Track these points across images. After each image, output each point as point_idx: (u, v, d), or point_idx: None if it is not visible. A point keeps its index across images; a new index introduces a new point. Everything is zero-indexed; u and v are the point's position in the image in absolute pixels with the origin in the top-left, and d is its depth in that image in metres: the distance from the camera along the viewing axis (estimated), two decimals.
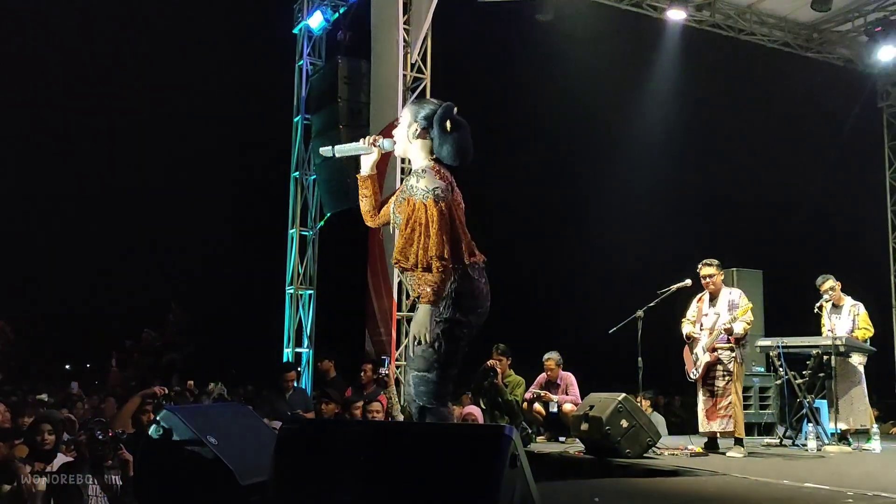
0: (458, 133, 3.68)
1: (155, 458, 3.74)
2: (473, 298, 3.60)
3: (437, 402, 3.56)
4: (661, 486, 5.44)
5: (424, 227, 3.52)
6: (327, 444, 2.97)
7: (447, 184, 3.61)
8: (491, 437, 2.70)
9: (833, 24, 12.87)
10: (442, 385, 3.57)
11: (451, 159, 3.69)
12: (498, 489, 2.58)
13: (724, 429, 7.04)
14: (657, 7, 12.05)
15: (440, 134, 3.67)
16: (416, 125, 3.74)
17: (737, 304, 7.14)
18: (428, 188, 3.57)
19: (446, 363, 3.55)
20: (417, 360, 3.62)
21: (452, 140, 3.67)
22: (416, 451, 2.81)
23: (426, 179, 3.60)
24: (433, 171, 3.64)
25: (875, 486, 4.89)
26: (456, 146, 3.67)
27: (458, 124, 3.70)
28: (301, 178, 12.69)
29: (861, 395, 7.92)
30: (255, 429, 4.21)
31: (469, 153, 3.72)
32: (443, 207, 3.53)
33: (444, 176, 3.64)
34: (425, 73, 10.17)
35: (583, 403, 7.17)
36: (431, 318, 3.52)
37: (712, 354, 7.11)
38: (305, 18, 12.60)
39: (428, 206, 3.53)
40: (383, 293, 9.78)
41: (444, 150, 3.68)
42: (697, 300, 7.49)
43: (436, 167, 3.67)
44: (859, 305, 8.21)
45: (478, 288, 3.62)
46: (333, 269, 13.02)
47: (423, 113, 3.75)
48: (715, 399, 7.09)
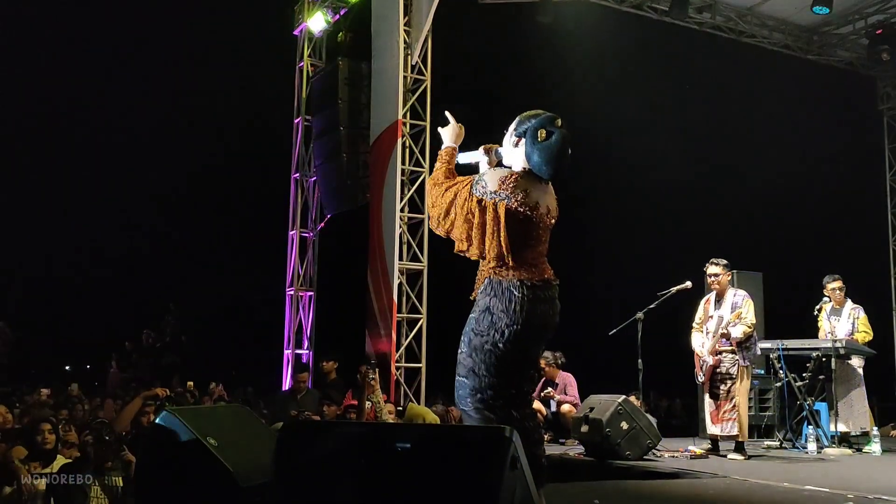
0: (548, 142, 3.68)
1: (155, 459, 3.74)
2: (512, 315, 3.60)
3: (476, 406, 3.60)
4: (662, 489, 5.45)
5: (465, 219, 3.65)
6: (327, 445, 2.97)
7: (507, 194, 3.61)
8: (491, 439, 2.70)
9: (833, 27, 12.88)
10: (482, 391, 3.60)
11: (539, 168, 3.70)
12: (498, 491, 2.58)
13: (727, 433, 7.00)
14: (658, 9, 12.07)
15: (530, 143, 3.71)
16: (513, 135, 3.79)
17: (739, 307, 7.10)
18: (485, 185, 3.66)
19: (486, 373, 3.60)
20: (459, 365, 3.71)
21: (540, 149, 3.68)
22: (417, 452, 2.81)
23: (490, 177, 3.68)
24: (499, 177, 3.67)
25: (875, 489, 4.89)
26: (547, 156, 3.68)
27: (550, 134, 3.70)
28: (301, 179, 12.70)
29: (860, 397, 7.92)
30: (256, 430, 4.21)
31: (557, 163, 3.70)
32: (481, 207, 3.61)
33: (509, 186, 3.63)
34: (426, 75, 10.18)
35: (583, 405, 7.17)
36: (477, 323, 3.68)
37: (715, 358, 7.09)
38: (306, 20, 12.61)
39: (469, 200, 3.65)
40: (383, 294, 9.78)
41: (534, 160, 3.70)
42: (705, 302, 7.46)
43: (512, 174, 3.69)
44: (859, 309, 8.20)
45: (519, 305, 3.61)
46: (334, 270, 13.02)
47: (521, 124, 3.78)
48: (718, 402, 7.07)
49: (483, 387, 3.62)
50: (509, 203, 3.60)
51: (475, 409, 3.61)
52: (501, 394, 3.62)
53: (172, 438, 3.66)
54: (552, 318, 3.74)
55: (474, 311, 3.72)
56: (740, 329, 7.00)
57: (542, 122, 3.72)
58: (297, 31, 12.99)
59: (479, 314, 3.68)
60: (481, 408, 3.60)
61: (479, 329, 3.65)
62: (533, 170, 3.71)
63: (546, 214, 3.74)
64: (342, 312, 12.67)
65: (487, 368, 3.61)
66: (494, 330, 3.61)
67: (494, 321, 3.62)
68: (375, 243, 10.21)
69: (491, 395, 3.60)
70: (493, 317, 3.63)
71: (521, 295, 3.62)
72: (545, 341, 3.85)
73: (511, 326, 3.60)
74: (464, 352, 3.70)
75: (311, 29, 12.53)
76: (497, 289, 3.65)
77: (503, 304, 3.62)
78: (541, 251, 3.76)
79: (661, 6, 12.01)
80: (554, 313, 3.74)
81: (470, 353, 3.66)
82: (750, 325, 7.04)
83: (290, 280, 12.60)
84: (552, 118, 3.75)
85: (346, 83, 11.48)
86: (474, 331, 3.67)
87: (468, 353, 3.67)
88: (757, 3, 12.32)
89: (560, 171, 3.73)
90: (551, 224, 3.81)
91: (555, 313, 3.75)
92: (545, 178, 3.73)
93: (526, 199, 3.63)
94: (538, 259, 3.74)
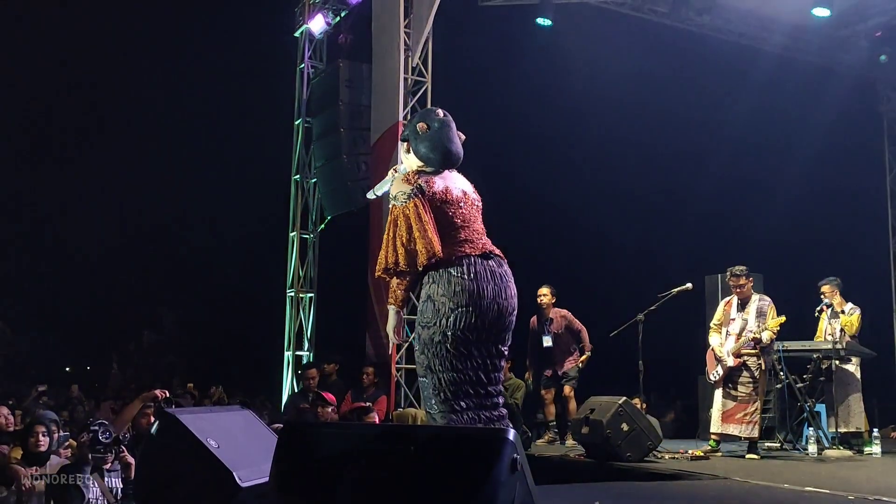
0: (429, 133, 3.63)
1: (155, 460, 3.73)
2: (456, 296, 3.44)
3: (441, 409, 3.45)
4: (663, 490, 5.44)
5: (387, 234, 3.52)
6: (327, 447, 2.97)
7: (413, 186, 3.53)
8: (491, 440, 2.69)
9: (834, 29, 12.87)
10: (441, 390, 3.45)
11: (427, 159, 3.64)
12: (497, 494, 2.57)
13: (748, 434, 7.04)
14: (658, 11, 12.06)
15: (414, 140, 3.66)
16: (406, 143, 3.74)
17: (765, 313, 7.15)
18: (393, 196, 3.57)
19: (441, 368, 3.45)
20: (417, 366, 3.59)
21: (424, 141, 3.63)
22: (417, 454, 2.81)
23: (394, 187, 3.60)
24: (401, 178, 3.61)
25: (875, 490, 4.89)
26: (430, 145, 3.63)
27: (430, 124, 3.65)
28: (302, 181, 12.69)
29: (857, 399, 7.92)
30: (256, 431, 4.21)
31: (447, 150, 3.64)
32: (401, 214, 3.48)
33: (412, 180, 3.56)
34: (426, 77, 10.17)
35: (583, 407, 7.17)
36: (398, 320, 3.59)
37: (736, 359, 7.12)
38: (306, 21, 12.61)
39: (392, 211, 3.52)
40: (384, 296, 9.76)
41: (422, 153, 3.63)
42: (725, 304, 7.51)
43: (408, 175, 3.61)
44: (856, 309, 8.20)
45: (461, 285, 3.44)
46: (334, 272, 13.02)
47: (405, 129, 3.77)
48: (737, 404, 7.08)
49: (443, 385, 3.42)
50: (420, 196, 3.50)
51: (440, 412, 3.42)
52: (463, 390, 3.42)
53: (172, 440, 3.66)
54: (504, 292, 3.52)
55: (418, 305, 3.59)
56: (768, 334, 7.08)
57: (421, 117, 3.71)
58: (297, 33, 13.00)
59: (421, 305, 3.53)
60: (445, 410, 3.41)
61: (423, 320, 3.48)
62: (429, 165, 3.64)
63: (463, 198, 3.64)
64: (342, 314, 12.68)
65: (442, 362, 3.42)
66: (439, 317, 3.43)
67: (437, 308, 3.45)
68: (376, 245, 10.19)
69: (452, 393, 3.41)
70: (434, 304, 3.46)
71: (458, 274, 3.44)
72: (505, 323, 3.56)
73: (456, 310, 3.41)
74: (417, 349, 3.55)
75: (312, 30, 12.54)
76: (434, 275, 3.49)
77: (443, 287, 3.45)
78: (476, 230, 3.62)
79: (660, 8, 12.01)
80: (506, 287, 3.53)
81: (422, 349, 3.49)
82: (775, 332, 7.13)
83: (291, 282, 12.59)
84: (430, 111, 3.74)
85: (346, 85, 11.48)
86: (420, 324, 3.50)
87: (420, 349, 3.51)
88: (757, 5, 12.31)
89: (447, 155, 3.64)
90: (477, 205, 3.71)
91: (507, 287, 3.53)
92: (435, 167, 3.63)
93: (432, 188, 3.56)
94: (473, 236, 3.58)
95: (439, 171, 3.65)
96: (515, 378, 8.65)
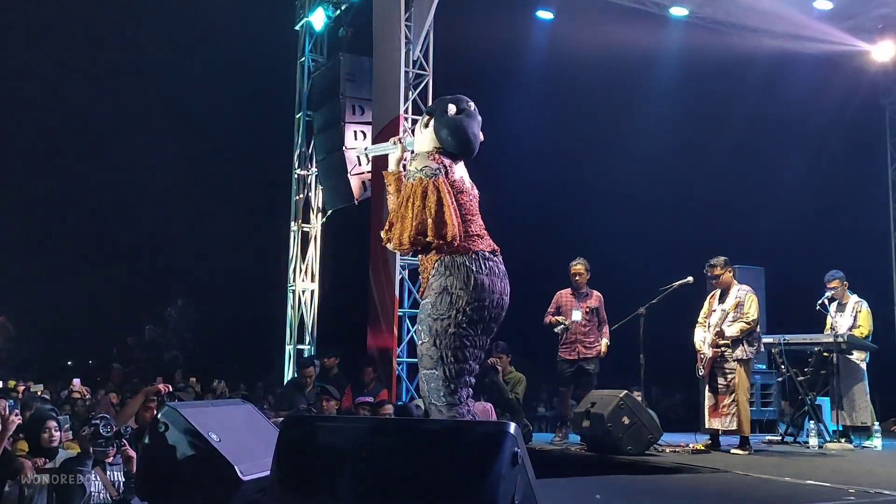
0: (457, 117, 3.63)
1: (157, 454, 3.74)
2: (472, 291, 3.48)
3: (448, 400, 3.48)
4: (664, 484, 5.44)
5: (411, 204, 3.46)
6: (328, 440, 2.97)
7: (439, 165, 3.53)
8: (493, 434, 2.70)
9: (836, 21, 12.84)
10: (451, 381, 3.47)
11: (445, 141, 3.63)
12: (498, 487, 2.57)
13: (726, 427, 6.99)
14: (660, 3, 12.04)
15: (439, 118, 3.66)
16: (425, 116, 3.75)
17: (743, 303, 7.07)
18: (417, 168, 3.55)
19: (452, 359, 3.47)
20: (423, 358, 3.56)
21: (451, 123, 3.62)
22: (418, 447, 2.81)
23: (417, 161, 3.60)
24: (426, 155, 3.61)
25: (877, 484, 4.89)
26: (453, 127, 3.62)
27: (461, 110, 3.66)
28: (303, 174, 12.70)
29: (862, 392, 7.89)
30: (258, 425, 4.22)
31: (468, 138, 3.64)
32: (430, 185, 3.46)
33: (438, 159, 3.56)
34: (427, 70, 10.15)
35: (584, 400, 7.17)
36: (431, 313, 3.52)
37: (714, 351, 7.09)
38: (307, 15, 12.61)
39: (415, 184, 3.49)
40: (385, 289, 9.77)
41: (442, 134, 3.63)
42: (710, 297, 7.46)
43: (432, 153, 3.61)
44: (862, 303, 8.15)
45: (477, 279, 3.49)
46: (335, 265, 13.02)
47: (434, 104, 3.77)
48: (718, 397, 7.07)
49: (452, 375, 3.47)
50: (444, 176, 3.51)
51: (447, 403, 3.46)
52: (464, 381, 3.49)
53: (174, 434, 3.67)
54: (506, 289, 3.60)
55: (428, 296, 3.56)
56: (736, 327, 7.00)
57: (454, 100, 3.69)
58: (298, 27, 12.98)
59: (435, 297, 3.52)
60: (453, 402, 3.46)
61: (437, 313, 3.48)
62: (446, 147, 3.63)
63: (471, 190, 3.68)
64: (344, 307, 12.68)
65: (454, 353, 3.46)
66: (455, 310, 3.46)
67: (454, 301, 3.46)
68: (377, 238, 10.19)
69: (457, 384, 3.47)
70: (451, 296, 3.47)
71: (476, 268, 3.49)
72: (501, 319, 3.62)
73: (472, 304, 3.46)
74: (425, 342, 3.53)
75: (313, 24, 12.53)
76: (451, 267, 3.50)
77: (461, 281, 3.47)
78: (481, 224, 3.65)
79: (662, 1, 11.98)
80: (506, 284, 3.61)
81: (433, 341, 3.49)
82: (749, 322, 7.02)
83: (292, 275, 12.61)
84: (462, 98, 3.71)
85: (347, 78, 11.48)
86: (432, 316, 3.49)
87: (431, 342, 3.49)
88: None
89: (466, 144, 3.64)
90: (478, 200, 3.73)
91: (507, 284, 3.61)
92: (450, 149, 3.63)
93: (452, 174, 3.58)
94: (481, 230, 3.62)
95: (454, 158, 3.66)
96: (516, 372, 8.63)
